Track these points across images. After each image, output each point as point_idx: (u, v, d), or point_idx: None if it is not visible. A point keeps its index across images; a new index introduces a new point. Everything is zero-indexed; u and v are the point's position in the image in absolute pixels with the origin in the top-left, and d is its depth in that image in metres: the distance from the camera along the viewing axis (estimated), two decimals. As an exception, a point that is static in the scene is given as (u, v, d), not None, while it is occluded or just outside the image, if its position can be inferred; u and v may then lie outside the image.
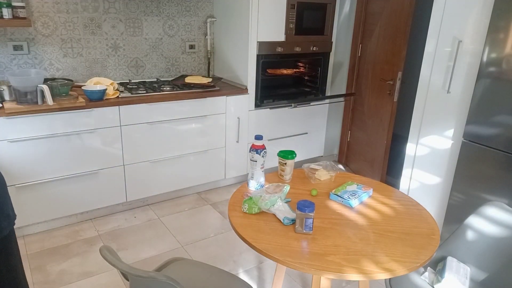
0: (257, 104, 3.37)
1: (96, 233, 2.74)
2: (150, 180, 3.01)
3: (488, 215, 1.72)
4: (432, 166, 2.70)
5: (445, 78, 2.54)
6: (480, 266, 1.71)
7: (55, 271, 2.34)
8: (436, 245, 1.46)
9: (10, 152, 2.42)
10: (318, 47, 3.56)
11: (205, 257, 2.53)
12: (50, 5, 2.83)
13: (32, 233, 2.69)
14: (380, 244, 1.45)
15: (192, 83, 3.12)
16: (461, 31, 2.42)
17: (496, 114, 2.27)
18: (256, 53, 3.23)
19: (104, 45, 3.12)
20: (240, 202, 1.67)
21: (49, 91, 2.43)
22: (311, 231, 1.48)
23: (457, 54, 2.43)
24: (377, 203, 1.75)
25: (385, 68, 3.33)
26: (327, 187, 1.87)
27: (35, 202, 2.58)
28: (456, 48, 2.44)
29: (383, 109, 3.39)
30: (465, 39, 2.40)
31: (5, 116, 2.34)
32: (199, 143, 3.17)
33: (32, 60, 2.88)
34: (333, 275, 1.31)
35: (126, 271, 1.20)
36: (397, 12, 3.15)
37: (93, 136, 2.67)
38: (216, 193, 3.39)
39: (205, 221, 2.96)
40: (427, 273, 1.72)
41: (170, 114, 2.94)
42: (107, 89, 2.69)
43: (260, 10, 3.13)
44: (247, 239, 1.45)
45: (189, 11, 3.45)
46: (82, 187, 2.73)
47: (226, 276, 1.70)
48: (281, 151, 1.94)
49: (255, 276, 2.39)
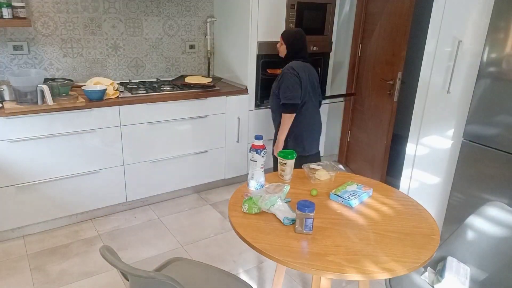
0: (257, 104, 3.37)
1: (96, 233, 2.74)
2: (150, 180, 3.01)
3: (488, 215, 1.72)
4: (432, 166, 2.70)
5: (445, 78, 2.53)
6: (480, 266, 1.71)
7: (55, 271, 2.34)
8: (436, 245, 1.46)
9: (10, 152, 2.42)
10: (318, 47, 3.56)
11: (205, 257, 2.53)
12: (50, 5, 2.83)
13: (32, 233, 2.69)
14: (380, 244, 1.45)
15: (192, 83, 3.12)
16: (460, 31, 2.42)
17: (496, 114, 2.27)
18: (256, 53, 3.23)
19: (104, 45, 3.12)
20: (240, 202, 1.67)
21: (49, 91, 2.43)
22: (311, 231, 1.48)
23: (457, 54, 2.43)
24: (377, 203, 1.75)
25: (385, 68, 3.32)
26: (327, 187, 1.87)
27: (35, 202, 2.58)
28: (456, 48, 2.43)
29: (383, 109, 3.39)
30: (465, 39, 2.40)
31: (5, 116, 2.34)
32: (199, 143, 3.17)
33: (32, 60, 2.88)
34: (333, 275, 1.31)
35: (126, 271, 1.20)
36: (397, 12, 3.15)
37: (93, 136, 2.67)
38: (216, 193, 3.39)
39: (205, 221, 2.96)
40: (427, 273, 1.72)
41: (170, 114, 2.94)
42: (107, 89, 2.70)
43: (260, 10, 3.13)
44: (247, 239, 1.45)
45: (189, 11, 3.45)
46: (82, 187, 2.73)
47: (226, 276, 1.70)
48: (281, 151, 1.94)
49: (255, 276, 2.39)
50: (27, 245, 2.57)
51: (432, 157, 2.69)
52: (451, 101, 2.52)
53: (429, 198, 2.74)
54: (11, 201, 2.50)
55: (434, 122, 2.64)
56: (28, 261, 2.42)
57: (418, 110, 2.73)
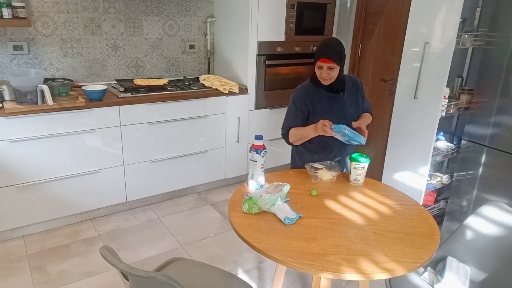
0: (257, 104, 3.37)
1: (96, 233, 2.74)
2: (150, 180, 3.01)
3: (488, 215, 1.72)
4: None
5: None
6: (480, 266, 1.71)
7: (55, 271, 2.34)
8: (436, 245, 1.46)
9: (10, 152, 2.42)
10: (318, 47, 3.56)
11: (205, 257, 2.53)
12: (50, 5, 2.83)
13: (32, 233, 2.69)
14: (380, 244, 1.45)
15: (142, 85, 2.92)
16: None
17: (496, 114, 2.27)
18: (256, 53, 3.23)
19: (104, 45, 3.12)
20: (240, 202, 1.67)
21: (49, 91, 2.43)
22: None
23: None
24: (377, 203, 1.75)
25: (385, 68, 3.33)
26: (327, 187, 1.87)
27: (35, 202, 2.58)
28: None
29: (383, 109, 3.39)
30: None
31: (5, 116, 2.34)
32: (199, 143, 3.17)
33: (32, 60, 2.88)
34: (333, 275, 1.31)
35: (126, 271, 1.20)
36: (397, 12, 3.15)
37: (93, 136, 2.67)
38: (216, 193, 3.39)
39: (205, 221, 2.96)
40: (427, 273, 1.72)
41: (170, 114, 2.94)
42: (107, 88, 2.68)
43: (260, 10, 3.13)
44: (247, 239, 1.45)
45: (189, 11, 3.45)
46: (82, 187, 2.73)
47: (226, 276, 1.70)
48: (352, 156, 1.90)
49: (255, 276, 2.39)
50: (27, 245, 2.57)
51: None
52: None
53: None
54: (11, 201, 2.50)
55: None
56: (28, 261, 2.42)
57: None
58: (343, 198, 1.78)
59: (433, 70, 2.40)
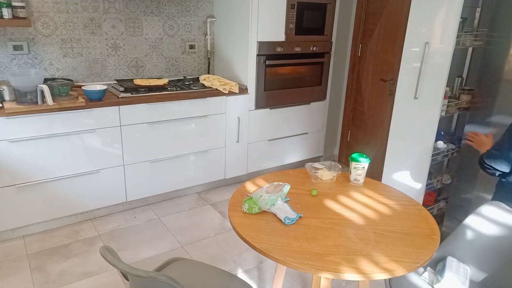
0: (257, 104, 3.37)
1: (96, 233, 2.74)
2: (150, 180, 3.01)
3: (487, 214, 1.72)
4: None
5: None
6: (480, 266, 1.71)
7: (55, 271, 2.34)
8: (436, 245, 1.46)
9: (10, 152, 2.42)
10: (318, 47, 3.56)
11: (205, 257, 2.53)
12: (50, 5, 2.83)
13: (32, 233, 2.69)
14: (380, 244, 1.45)
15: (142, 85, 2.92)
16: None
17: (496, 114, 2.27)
18: (256, 53, 3.23)
19: (104, 45, 3.12)
20: (240, 202, 1.67)
21: (49, 91, 2.43)
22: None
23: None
24: (377, 203, 1.75)
25: (385, 68, 3.33)
26: (327, 187, 1.87)
27: (35, 202, 2.58)
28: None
29: (383, 109, 3.39)
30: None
31: (5, 116, 2.34)
32: (199, 143, 3.17)
33: (32, 60, 2.88)
34: (333, 275, 1.31)
35: (126, 271, 1.20)
36: (397, 12, 3.15)
37: (93, 136, 2.67)
38: (216, 193, 3.39)
39: (205, 221, 2.96)
40: (427, 273, 1.72)
41: (170, 114, 2.94)
42: (107, 88, 2.68)
43: (260, 10, 3.13)
44: (247, 239, 1.45)
45: (189, 11, 3.45)
46: (82, 187, 2.73)
47: (226, 276, 1.70)
48: (352, 156, 1.90)
49: (255, 276, 2.39)
50: (27, 245, 2.57)
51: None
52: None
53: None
54: (11, 201, 2.50)
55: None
56: (28, 261, 2.42)
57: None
58: (343, 198, 1.78)
59: (433, 70, 2.40)
